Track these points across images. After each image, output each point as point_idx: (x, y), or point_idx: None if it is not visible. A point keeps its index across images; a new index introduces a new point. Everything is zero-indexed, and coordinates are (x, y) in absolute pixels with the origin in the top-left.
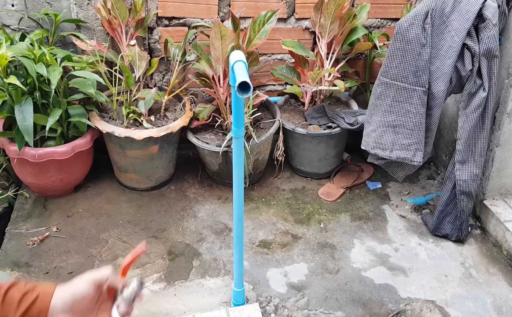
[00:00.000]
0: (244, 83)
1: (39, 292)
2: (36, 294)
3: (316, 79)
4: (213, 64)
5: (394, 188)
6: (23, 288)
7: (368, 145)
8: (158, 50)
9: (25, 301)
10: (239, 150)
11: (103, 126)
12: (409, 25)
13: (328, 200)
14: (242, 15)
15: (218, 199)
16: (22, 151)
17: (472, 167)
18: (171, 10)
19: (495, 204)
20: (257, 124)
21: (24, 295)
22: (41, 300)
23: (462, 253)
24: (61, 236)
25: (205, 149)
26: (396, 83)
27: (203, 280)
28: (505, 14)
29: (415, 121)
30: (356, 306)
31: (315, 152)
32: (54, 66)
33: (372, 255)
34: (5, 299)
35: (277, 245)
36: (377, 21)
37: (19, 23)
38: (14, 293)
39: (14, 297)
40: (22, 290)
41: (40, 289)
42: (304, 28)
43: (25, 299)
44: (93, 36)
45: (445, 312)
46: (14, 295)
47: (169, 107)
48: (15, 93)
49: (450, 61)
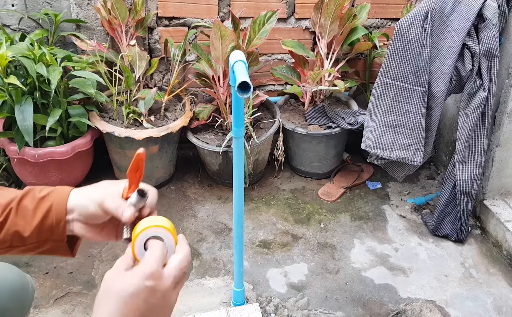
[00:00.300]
0: (244, 83)
1: (53, 200)
2: (51, 202)
3: (316, 79)
4: (213, 64)
5: (394, 188)
6: (38, 194)
7: (368, 145)
8: (158, 50)
9: (40, 209)
10: (239, 150)
11: (103, 126)
12: (409, 25)
13: (328, 200)
14: (242, 15)
15: (218, 199)
16: (22, 151)
17: (472, 167)
18: (171, 10)
19: (495, 204)
20: (257, 124)
21: (38, 202)
22: (56, 209)
23: (462, 253)
24: None
25: (205, 149)
26: (396, 83)
27: (203, 280)
28: (505, 14)
29: (415, 121)
30: (356, 306)
31: (315, 152)
32: (54, 66)
33: (372, 255)
34: (19, 208)
35: (277, 245)
36: (377, 21)
37: (19, 23)
38: (27, 202)
39: (28, 206)
40: (36, 197)
41: (54, 197)
42: (304, 28)
43: (39, 208)
44: (93, 36)
45: (445, 312)
46: (27, 204)
47: (169, 107)
48: (15, 93)
49: (450, 61)
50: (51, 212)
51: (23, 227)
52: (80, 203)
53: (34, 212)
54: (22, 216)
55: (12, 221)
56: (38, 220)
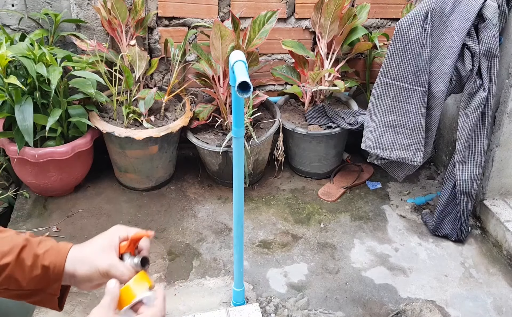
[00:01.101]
0: (244, 83)
1: (50, 262)
2: (48, 263)
3: (316, 79)
4: (213, 64)
5: (394, 188)
6: (36, 250)
7: (368, 145)
8: (158, 50)
9: (37, 267)
10: (239, 150)
11: (103, 126)
12: (409, 25)
13: (328, 200)
14: (242, 15)
15: (218, 199)
16: (22, 151)
17: (472, 167)
18: (171, 10)
19: (495, 204)
20: (257, 124)
21: (35, 260)
22: (53, 271)
23: (462, 253)
24: (61, 236)
25: (205, 149)
26: (396, 83)
27: (203, 280)
28: (505, 14)
29: (415, 121)
30: (356, 306)
31: (315, 152)
32: (54, 66)
33: (372, 255)
34: (18, 261)
35: (277, 245)
36: (377, 21)
37: (19, 23)
38: (25, 256)
39: (26, 261)
40: (34, 252)
41: (51, 258)
42: (304, 28)
43: (37, 266)
44: (93, 36)
45: (445, 312)
46: (26, 258)
47: (169, 107)
48: (15, 93)
49: (450, 61)
50: (48, 273)
51: (21, 278)
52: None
53: (32, 268)
54: (20, 269)
55: (11, 270)
56: (35, 275)
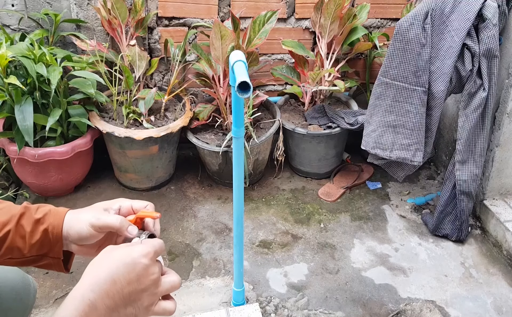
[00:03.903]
0: (244, 83)
1: (49, 224)
2: (47, 226)
3: (316, 79)
4: (213, 64)
5: (394, 188)
6: (34, 215)
7: (368, 145)
8: (158, 50)
9: (37, 232)
10: (239, 150)
11: (103, 126)
12: (409, 25)
13: (328, 200)
14: (242, 15)
15: (218, 199)
16: (22, 151)
17: (472, 167)
18: (171, 10)
19: (495, 204)
20: (257, 124)
21: (35, 225)
22: (52, 232)
23: (462, 253)
24: None
25: (205, 149)
26: (396, 83)
27: (203, 280)
28: (505, 14)
29: (415, 121)
30: (356, 306)
31: (315, 152)
32: (54, 66)
33: (372, 255)
34: (17, 229)
35: (277, 245)
36: (377, 21)
37: (19, 23)
38: (25, 222)
39: (25, 227)
40: (33, 218)
41: (50, 220)
42: (304, 28)
43: (36, 230)
44: (93, 36)
45: (445, 312)
46: (25, 224)
47: (169, 107)
48: (15, 93)
49: (450, 61)
50: (47, 236)
51: (22, 245)
52: (73, 227)
53: (31, 234)
54: (20, 236)
55: (12, 239)
56: (35, 240)
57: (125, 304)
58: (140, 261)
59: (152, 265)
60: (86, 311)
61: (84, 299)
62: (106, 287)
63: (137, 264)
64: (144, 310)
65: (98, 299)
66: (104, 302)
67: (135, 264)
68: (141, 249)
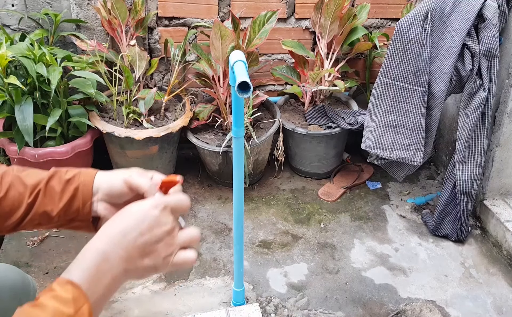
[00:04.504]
0: (244, 83)
1: (79, 182)
2: (77, 184)
3: (316, 79)
4: (213, 64)
5: (394, 188)
6: (64, 176)
7: (368, 145)
8: (158, 50)
9: (67, 192)
10: (239, 150)
11: (103, 126)
12: (409, 25)
13: (328, 200)
14: (242, 15)
15: (218, 199)
16: (22, 151)
17: (472, 167)
18: (171, 10)
19: (495, 204)
20: (257, 124)
21: (65, 185)
22: (83, 191)
23: (462, 253)
24: (61, 236)
25: (205, 149)
26: (396, 83)
27: (203, 280)
28: (505, 14)
29: (415, 121)
30: (356, 306)
31: (315, 152)
32: (54, 66)
33: (372, 255)
34: (47, 190)
35: (277, 245)
36: (377, 21)
37: (19, 23)
38: (54, 183)
39: (55, 188)
40: (63, 179)
41: (80, 179)
42: (304, 28)
43: (66, 190)
44: (93, 36)
45: (445, 312)
46: (55, 185)
47: (169, 107)
48: (15, 93)
49: (450, 61)
50: (77, 195)
51: (51, 208)
52: (106, 181)
53: (61, 194)
54: (49, 198)
55: (41, 202)
56: (65, 201)
57: (141, 256)
58: (150, 212)
59: (164, 216)
60: (98, 261)
61: (97, 251)
62: (118, 239)
63: (147, 215)
64: (162, 261)
65: (110, 251)
66: (118, 253)
67: (145, 215)
68: (151, 201)
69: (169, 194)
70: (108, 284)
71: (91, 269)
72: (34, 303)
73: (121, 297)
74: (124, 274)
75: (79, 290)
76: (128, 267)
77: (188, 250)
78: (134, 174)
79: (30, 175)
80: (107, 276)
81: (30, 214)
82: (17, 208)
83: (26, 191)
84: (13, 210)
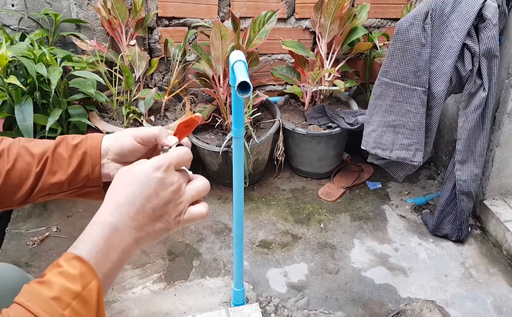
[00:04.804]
0: (244, 83)
1: (87, 147)
2: (85, 149)
3: (316, 79)
4: (213, 64)
5: (394, 188)
6: (71, 142)
7: (368, 145)
8: (158, 50)
9: (75, 157)
10: (239, 150)
11: (103, 126)
12: (409, 25)
13: (328, 200)
14: (242, 15)
15: (218, 199)
16: None
17: (472, 167)
18: (171, 10)
19: (495, 204)
20: (257, 124)
21: (72, 150)
22: (91, 154)
23: (462, 253)
24: (61, 236)
25: (205, 149)
26: (396, 83)
27: (203, 280)
28: (505, 14)
29: (415, 121)
30: (356, 306)
31: (315, 152)
32: (54, 66)
33: (372, 255)
34: (54, 157)
35: (277, 245)
36: (377, 21)
37: (19, 23)
38: (62, 150)
39: (63, 154)
40: (70, 144)
41: (88, 143)
42: (304, 28)
43: (74, 155)
44: (93, 36)
45: (445, 312)
46: (62, 152)
47: (169, 107)
48: (15, 93)
49: (450, 61)
50: (86, 159)
51: (60, 175)
52: (115, 140)
53: (70, 159)
54: (58, 165)
55: (49, 170)
56: (73, 167)
57: (151, 221)
58: (154, 175)
59: (169, 176)
60: (108, 234)
61: (105, 224)
62: (125, 209)
63: (151, 179)
64: (173, 222)
65: (119, 222)
66: (127, 223)
67: (149, 180)
68: (152, 163)
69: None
70: (118, 256)
71: (99, 242)
72: (41, 279)
73: (121, 297)
74: (135, 243)
75: (87, 265)
76: (139, 235)
77: (198, 204)
78: (142, 128)
79: (37, 144)
80: (117, 248)
81: (40, 184)
82: (25, 179)
83: (34, 161)
84: (22, 181)
